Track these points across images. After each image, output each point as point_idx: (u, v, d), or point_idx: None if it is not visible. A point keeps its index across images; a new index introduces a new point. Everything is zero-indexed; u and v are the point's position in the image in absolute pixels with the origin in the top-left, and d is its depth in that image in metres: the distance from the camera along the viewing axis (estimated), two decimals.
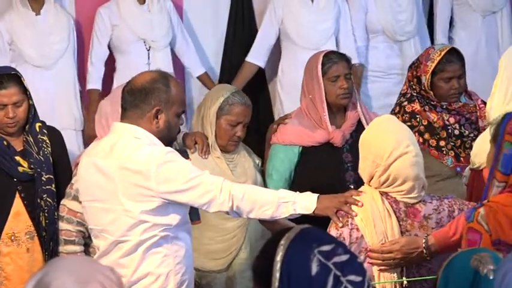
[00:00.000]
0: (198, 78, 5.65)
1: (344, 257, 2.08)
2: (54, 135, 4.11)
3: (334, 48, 5.50)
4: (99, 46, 5.47)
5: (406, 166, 3.33)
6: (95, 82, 5.46)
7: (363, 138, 3.44)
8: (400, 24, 5.75)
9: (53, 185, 3.99)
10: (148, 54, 5.45)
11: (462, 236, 3.30)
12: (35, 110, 4.07)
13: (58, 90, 5.32)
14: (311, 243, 2.08)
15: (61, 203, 3.93)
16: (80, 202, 3.84)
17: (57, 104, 5.30)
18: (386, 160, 3.33)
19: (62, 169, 4.05)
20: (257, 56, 5.66)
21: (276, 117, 5.54)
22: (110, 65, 5.55)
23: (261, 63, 5.68)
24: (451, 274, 2.34)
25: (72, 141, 5.09)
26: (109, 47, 5.52)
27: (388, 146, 3.33)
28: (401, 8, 5.76)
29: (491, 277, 2.24)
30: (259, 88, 5.81)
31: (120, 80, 5.14)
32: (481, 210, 2.93)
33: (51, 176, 3.99)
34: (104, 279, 1.93)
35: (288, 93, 5.58)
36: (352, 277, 2.08)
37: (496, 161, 2.97)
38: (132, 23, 5.44)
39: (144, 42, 5.46)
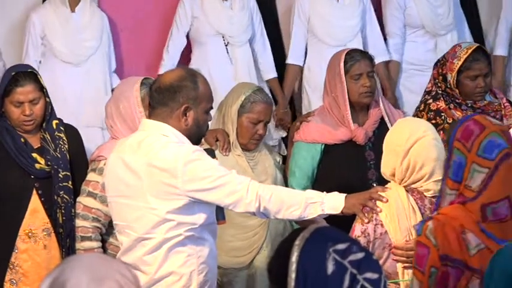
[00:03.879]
0: (267, 81, 5.65)
1: (359, 255, 2.09)
2: (72, 132, 4.12)
3: (360, 45, 5.51)
4: (178, 35, 5.52)
5: (424, 148, 3.34)
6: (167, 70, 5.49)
7: (385, 138, 3.47)
8: (439, 19, 5.76)
9: (70, 182, 4.00)
10: (227, 49, 5.49)
11: None
12: (52, 107, 4.09)
13: (86, 87, 5.34)
14: (326, 242, 2.08)
15: (77, 200, 3.95)
16: (95, 198, 3.88)
17: (84, 102, 5.33)
18: (405, 145, 3.35)
19: (79, 166, 4.06)
20: (296, 57, 5.67)
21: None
22: (187, 55, 5.59)
23: (301, 62, 5.70)
24: (496, 265, 2.35)
25: (97, 139, 5.11)
26: (187, 38, 5.58)
27: (406, 132, 3.38)
28: (438, 2, 5.77)
29: None
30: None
31: None
32: (430, 223, 2.90)
33: (68, 173, 4.00)
34: (120, 278, 1.93)
35: (315, 90, 5.58)
36: (368, 275, 2.08)
37: (447, 168, 2.95)
38: (212, 17, 5.48)
39: (223, 37, 5.50)
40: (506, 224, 2.89)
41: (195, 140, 3.38)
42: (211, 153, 3.45)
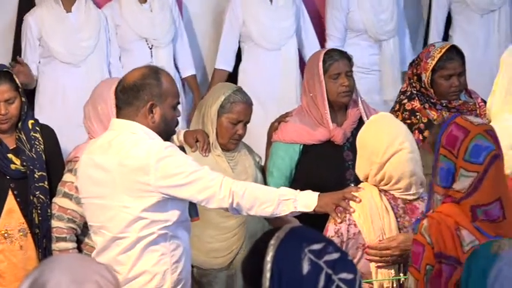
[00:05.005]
0: (185, 79, 5.63)
1: (335, 255, 2.09)
2: (47, 132, 4.13)
3: (296, 48, 5.53)
4: (111, 45, 5.50)
5: (401, 162, 3.33)
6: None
7: (359, 137, 3.46)
8: (381, 24, 5.75)
9: (46, 182, 4.01)
10: (151, 53, 5.47)
11: None
12: (28, 107, 4.09)
13: (86, 87, 5.29)
14: (301, 242, 2.08)
15: (52, 200, 3.95)
16: (71, 199, 3.88)
17: (84, 101, 5.34)
18: (381, 158, 3.34)
19: (54, 166, 4.06)
20: (225, 62, 5.65)
21: None
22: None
23: (230, 68, 5.67)
24: (473, 264, 2.36)
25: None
26: None
27: (383, 143, 3.34)
28: (382, 7, 5.76)
29: None
30: None
31: None
32: (425, 221, 2.92)
33: (44, 173, 4.01)
34: (100, 279, 1.93)
35: (250, 95, 5.61)
36: (343, 275, 2.08)
37: (434, 175, 2.96)
38: (133, 22, 5.46)
39: (146, 40, 5.49)
40: (499, 224, 2.91)
41: (165, 136, 3.38)
42: (182, 151, 3.45)
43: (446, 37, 6.04)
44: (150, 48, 5.49)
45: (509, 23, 6.04)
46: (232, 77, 5.69)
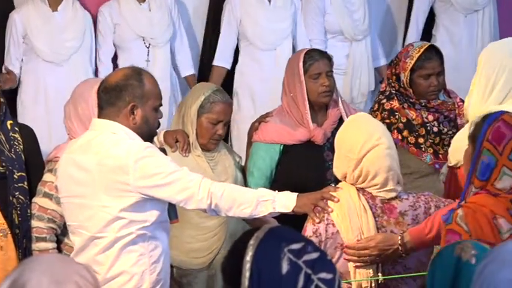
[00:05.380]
0: (185, 78, 5.67)
1: (314, 255, 2.09)
2: (27, 132, 4.12)
3: (290, 49, 5.55)
4: (105, 44, 5.54)
5: (378, 157, 3.34)
6: None
7: (337, 137, 3.48)
8: (356, 24, 5.78)
9: (25, 183, 4.01)
10: (148, 52, 5.50)
11: (438, 233, 3.33)
12: (6, 107, 4.08)
13: (69, 87, 5.28)
14: (280, 242, 2.08)
15: (32, 200, 3.95)
16: (51, 199, 3.88)
17: (66, 101, 5.34)
18: (358, 153, 3.35)
19: (34, 167, 4.06)
20: (223, 59, 5.69)
21: (232, 119, 5.56)
22: (114, 62, 5.62)
23: (228, 65, 5.70)
24: (438, 264, 2.36)
25: None
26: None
27: (360, 139, 3.36)
28: (354, 7, 5.79)
29: (473, 262, 2.27)
30: (227, 91, 5.82)
31: None
32: (459, 211, 2.92)
33: (24, 174, 4.01)
34: (79, 279, 1.94)
35: (246, 94, 5.63)
36: (323, 275, 2.08)
37: (474, 167, 2.97)
38: (132, 21, 5.50)
39: (143, 39, 5.51)
40: None
41: (146, 138, 3.38)
42: (162, 152, 3.46)
43: (429, 37, 6.07)
44: (147, 47, 5.52)
45: (493, 23, 6.08)
46: (229, 76, 5.72)
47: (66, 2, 5.35)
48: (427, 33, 6.11)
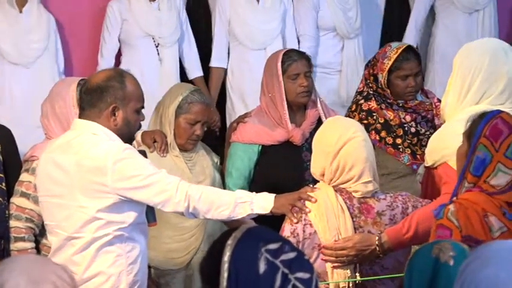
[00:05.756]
0: (193, 80, 5.67)
1: (291, 255, 2.10)
2: (4, 133, 4.10)
3: (280, 48, 5.56)
4: (110, 39, 5.55)
5: (354, 149, 3.37)
6: None
7: (315, 138, 3.50)
8: (350, 22, 5.81)
9: (4, 184, 3.99)
10: (158, 50, 5.52)
11: (416, 233, 3.34)
12: None
13: (35, 89, 5.32)
14: (258, 242, 2.09)
15: (10, 200, 3.93)
16: (28, 198, 3.87)
17: (33, 103, 5.28)
18: (335, 146, 3.37)
19: (12, 167, 4.03)
20: (220, 59, 5.71)
21: (228, 119, 5.60)
22: (116, 58, 5.62)
23: (225, 64, 5.73)
24: (415, 265, 2.37)
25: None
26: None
27: (335, 133, 3.39)
28: (349, 5, 5.83)
29: (451, 263, 2.28)
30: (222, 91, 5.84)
31: None
32: (451, 207, 2.93)
33: (1, 175, 3.98)
34: (56, 279, 1.95)
35: (237, 93, 5.64)
36: (300, 274, 2.09)
37: (469, 162, 2.98)
38: (141, 19, 5.52)
39: (153, 38, 5.53)
40: None
41: (127, 139, 3.40)
42: (143, 154, 3.46)
43: (428, 35, 6.10)
44: (156, 47, 5.54)
45: (493, 23, 6.09)
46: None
47: (31, 4, 5.33)
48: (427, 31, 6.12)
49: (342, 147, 3.37)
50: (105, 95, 3.36)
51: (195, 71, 5.70)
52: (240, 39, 5.65)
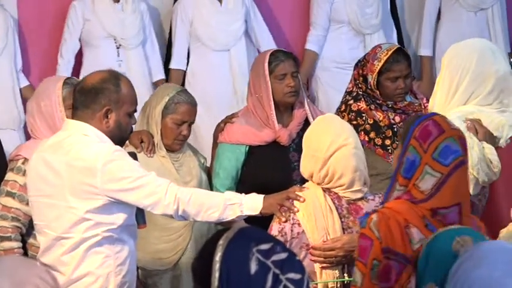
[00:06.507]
0: (155, 83, 5.66)
1: (283, 255, 2.10)
2: None
3: (244, 49, 5.57)
4: (70, 39, 5.54)
5: (344, 157, 3.36)
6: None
7: (305, 137, 3.50)
8: (366, 18, 5.83)
9: None
10: (118, 52, 5.51)
11: None
12: None
13: None
14: (249, 243, 2.10)
15: None
16: (14, 198, 3.85)
17: None
18: (325, 153, 3.36)
19: None
20: (179, 61, 5.71)
21: None
22: (77, 59, 5.60)
23: (184, 67, 5.73)
24: (433, 251, 2.37)
25: (12, 141, 5.06)
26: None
27: (327, 138, 3.38)
28: (368, 2, 5.84)
29: None
30: None
31: (86, 74, 5.18)
32: (374, 216, 2.93)
33: None
34: (39, 282, 1.96)
35: (199, 95, 5.62)
36: (291, 275, 2.10)
37: (400, 164, 2.96)
38: (104, 19, 5.51)
39: (115, 40, 5.52)
40: None
41: (117, 142, 3.40)
42: (133, 156, 3.46)
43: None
44: (118, 48, 5.51)
45: (501, 22, 6.07)
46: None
47: None
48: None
49: (332, 154, 3.36)
50: (99, 97, 3.36)
51: (157, 74, 5.71)
52: (202, 40, 5.66)
